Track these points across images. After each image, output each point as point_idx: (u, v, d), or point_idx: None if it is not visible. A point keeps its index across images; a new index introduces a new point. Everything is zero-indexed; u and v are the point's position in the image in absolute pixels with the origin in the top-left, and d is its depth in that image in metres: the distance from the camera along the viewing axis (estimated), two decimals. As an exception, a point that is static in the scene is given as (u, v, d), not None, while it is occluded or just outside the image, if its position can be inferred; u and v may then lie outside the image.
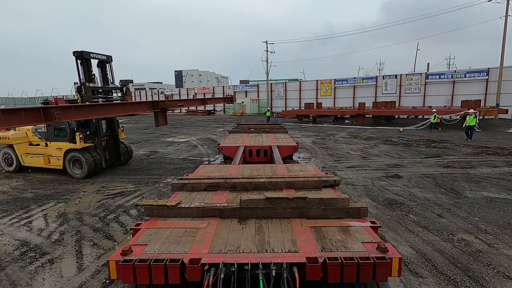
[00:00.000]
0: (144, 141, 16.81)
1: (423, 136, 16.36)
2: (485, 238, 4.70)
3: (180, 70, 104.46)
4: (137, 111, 8.14)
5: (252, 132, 8.47)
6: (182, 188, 3.19)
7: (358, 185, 7.64)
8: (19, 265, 4.14)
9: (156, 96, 59.13)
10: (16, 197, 7.16)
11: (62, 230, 5.23)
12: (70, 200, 6.81)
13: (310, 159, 11.13)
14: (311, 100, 35.00)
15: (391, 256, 1.82)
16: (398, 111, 23.64)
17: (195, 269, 1.79)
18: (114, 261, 1.88)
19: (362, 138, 16.39)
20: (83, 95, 8.83)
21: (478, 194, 6.73)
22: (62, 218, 5.79)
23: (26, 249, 4.57)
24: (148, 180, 8.42)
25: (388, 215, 5.69)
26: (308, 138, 16.61)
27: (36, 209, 6.29)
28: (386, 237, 4.81)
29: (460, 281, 3.63)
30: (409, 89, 31.43)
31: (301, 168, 4.14)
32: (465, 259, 4.11)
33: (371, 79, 34.09)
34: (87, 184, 8.16)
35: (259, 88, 44.50)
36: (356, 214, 2.43)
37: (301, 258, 1.83)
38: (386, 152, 11.97)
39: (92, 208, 6.26)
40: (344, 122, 26.92)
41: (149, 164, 10.57)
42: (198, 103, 10.67)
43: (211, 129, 22.61)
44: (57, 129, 9.27)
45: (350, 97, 34.96)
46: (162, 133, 20.09)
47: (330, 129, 21.55)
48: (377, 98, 32.12)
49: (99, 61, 9.58)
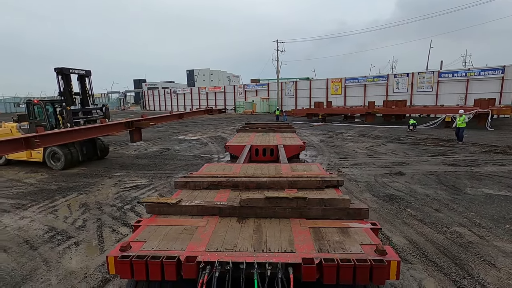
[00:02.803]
0: (157, 138, 17.46)
1: (432, 135, 16.32)
2: (477, 231, 4.92)
3: (192, 69, 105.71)
4: (113, 132, 8.87)
5: (259, 131, 8.54)
6: (185, 186, 3.23)
7: (361, 181, 7.90)
8: (49, 246, 4.67)
9: (169, 95, 60.32)
10: (42, 188, 7.80)
11: (85, 218, 5.77)
12: (90, 192, 7.39)
13: (317, 156, 11.41)
14: (322, 99, 35.06)
15: (389, 259, 1.79)
16: (408, 109, 23.47)
17: (191, 266, 1.81)
18: (112, 257, 1.91)
19: (370, 136, 16.50)
20: (64, 117, 9.88)
21: (478, 191, 6.89)
22: (84, 207, 6.35)
23: (54, 233, 5.12)
24: (161, 175, 8.94)
25: (386, 209, 5.97)
26: (316, 137, 16.85)
27: (60, 200, 6.88)
28: (383, 229, 5.09)
29: (446, 268, 3.91)
30: (421, 88, 31.02)
31: (305, 167, 4.11)
32: (454, 249, 4.37)
33: (382, 77, 33.81)
34: (105, 178, 8.75)
35: (269, 87, 44.78)
36: (357, 215, 2.41)
37: (297, 259, 1.82)
38: (393, 151, 12.11)
39: (111, 199, 6.80)
40: (354, 121, 26.92)
41: (162, 160, 11.11)
42: (175, 118, 11.22)
43: (222, 128, 23.13)
44: (38, 125, 10.03)
45: (361, 96, 34.76)
46: (174, 132, 20.74)
47: (339, 128, 21.67)
48: (388, 97, 31.87)
49: (78, 75, 10.60)
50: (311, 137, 16.77)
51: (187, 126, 24.24)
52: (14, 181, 8.57)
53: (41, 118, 10.37)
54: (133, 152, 13.19)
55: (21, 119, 11.31)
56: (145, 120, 9.23)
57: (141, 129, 8.66)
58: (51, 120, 10.23)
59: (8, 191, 7.64)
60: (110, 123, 9.58)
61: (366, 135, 17.21)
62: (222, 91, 50.79)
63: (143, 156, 12.15)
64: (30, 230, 5.26)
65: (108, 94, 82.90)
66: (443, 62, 40.69)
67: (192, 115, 12.73)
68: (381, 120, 24.29)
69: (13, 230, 5.26)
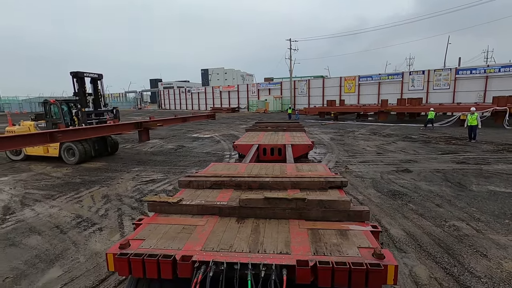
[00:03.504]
0: (172, 136, 18.14)
1: (446, 133, 16.13)
2: (475, 225, 5.09)
3: (206, 69, 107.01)
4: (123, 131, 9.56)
5: (269, 130, 8.56)
6: (188, 185, 3.26)
7: (366, 178, 8.11)
8: (77, 231, 5.23)
9: (183, 95, 61.53)
10: (67, 181, 8.49)
11: (106, 208, 6.33)
12: (111, 185, 7.99)
13: (326, 154, 11.64)
14: (335, 97, 34.98)
15: (386, 263, 1.75)
16: (422, 107, 23.11)
17: (186, 265, 1.83)
18: (111, 254, 1.95)
19: (381, 135, 16.50)
20: (79, 118, 10.81)
21: (483, 188, 6.97)
22: (106, 198, 6.93)
23: (80, 220, 5.69)
24: (176, 170, 9.47)
25: (388, 204, 6.19)
26: (327, 135, 17.01)
27: (84, 191, 7.51)
28: (383, 221, 5.35)
29: (439, 257, 4.14)
30: (438, 85, 30.42)
31: (311, 167, 4.08)
32: (450, 241, 4.58)
33: (397, 75, 33.33)
34: (124, 172, 9.36)
35: (282, 85, 44.97)
36: (358, 218, 2.38)
37: (292, 261, 1.81)
38: (403, 149, 12.16)
39: (129, 192, 7.36)
40: (367, 119, 26.77)
41: (176, 157, 11.67)
42: (179, 121, 11.77)
43: (234, 126, 23.61)
44: (54, 124, 10.97)
45: (375, 94, 34.42)
46: (189, 130, 21.41)
47: (351, 126, 21.67)
48: (403, 94, 31.45)
49: (91, 78, 11.44)
50: (322, 135, 16.94)
51: (200, 125, 24.89)
52: (43, 175, 9.34)
53: (57, 117, 11.26)
54: (149, 149, 13.85)
55: (38, 118, 12.28)
56: (153, 121, 9.83)
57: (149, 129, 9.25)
58: (66, 118, 11.10)
59: (38, 183, 8.37)
60: (121, 123, 10.33)
61: (377, 133, 17.21)
62: (236, 90, 51.38)
63: (159, 153, 12.78)
64: (59, 217, 5.87)
65: (125, 94, 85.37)
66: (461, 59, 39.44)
67: (195, 119, 13.34)
68: (394, 119, 24.05)
69: (45, 217, 5.88)
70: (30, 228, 5.37)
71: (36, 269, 4.07)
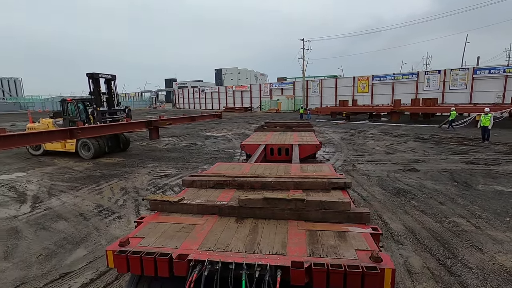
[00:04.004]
0: (186, 134, 18.72)
1: (459, 134, 15.92)
2: (475, 222, 5.23)
3: (220, 69, 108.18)
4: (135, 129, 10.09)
5: (277, 130, 8.56)
6: (192, 185, 3.30)
7: (373, 176, 8.29)
8: (98, 218, 5.74)
9: (197, 94, 62.56)
10: (89, 175, 9.10)
11: (124, 199, 6.83)
12: (128, 179, 8.52)
13: (334, 153, 11.82)
14: (348, 97, 34.79)
15: (383, 267, 1.73)
16: (437, 108, 22.75)
17: (182, 264, 1.86)
18: (111, 251, 1.99)
19: (393, 135, 16.46)
20: (95, 117, 11.55)
21: (489, 188, 7.03)
22: (124, 190, 7.44)
23: (101, 209, 6.20)
24: (188, 166, 9.93)
25: (392, 201, 6.38)
26: (337, 134, 17.12)
27: (104, 184, 8.07)
28: (384, 217, 5.57)
29: (434, 249, 4.35)
30: (454, 85, 29.75)
31: (316, 168, 4.07)
32: (447, 235, 4.77)
33: (412, 75, 32.81)
34: (140, 168, 9.91)
35: (295, 85, 45.05)
36: (358, 219, 2.36)
37: (286, 262, 1.81)
38: (413, 149, 12.17)
39: (145, 185, 7.86)
40: (380, 119, 26.56)
41: (190, 154, 12.16)
42: (188, 120, 12.22)
43: (246, 125, 24.01)
44: (71, 121, 11.75)
45: (389, 94, 34.01)
46: (201, 128, 21.97)
47: (363, 126, 21.62)
48: (418, 95, 30.94)
49: (105, 79, 12.17)
50: (332, 134, 17.07)
51: (213, 124, 25.44)
52: (66, 168, 10.02)
53: (73, 115, 12.01)
54: (164, 146, 14.44)
55: (56, 115, 13.15)
56: (162, 120, 10.35)
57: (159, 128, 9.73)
58: (82, 116, 11.86)
59: (62, 176, 9.02)
60: (133, 121, 10.91)
61: (389, 133, 17.16)
62: (248, 90, 51.81)
63: (173, 150, 13.32)
64: (82, 206, 6.41)
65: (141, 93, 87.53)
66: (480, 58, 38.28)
67: (203, 119, 13.77)
68: (408, 119, 23.79)
69: (70, 206, 6.43)
70: (57, 215, 5.93)
71: (64, 249, 4.56)
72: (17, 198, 6.99)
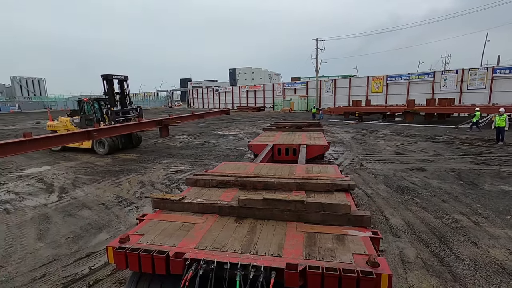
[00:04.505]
0: (199, 133, 19.30)
1: (474, 135, 15.67)
2: (475, 219, 5.38)
3: (234, 68, 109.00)
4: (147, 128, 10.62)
5: (286, 130, 8.54)
6: (195, 184, 3.33)
7: (379, 175, 8.46)
8: (118, 207, 6.26)
9: (211, 94, 63.49)
10: (109, 169, 9.73)
11: (142, 191, 7.35)
12: (145, 173, 9.07)
13: (344, 152, 11.99)
14: (361, 97, 34.50)
15: (380, 272, 1.70)
16: (452, 108, 22.30)
17: (178, 262, 1.87)
18: (111, 247, 2.02)
19: (405, 135, 16.38)
20: (109, 116, 12.28)
21: (495, 187, 7.08)
22: (141, 184, 7.98)
23: (121, 200, 6.73)
24: (201, 163, 10.40)
25: (395, 198, 6.58)
26: (348, 134, 17.20)
27: (123, 178, 8.65)
28: (385, 212, 5.79)
29: (430, 242, 4.57)
30: (473, 85, 28.94)
31: (321, 169, 4.04)
32: (445, 230, 4.96)
33: (427, 74, 32.15)
34: (156, 163, 10.47)
35: (308, 85, 45.00)
36: (358, 223, 2.33)
37: (281, 263, 1.80)
38: (423, 149, 12.16)
39: (161, 179, 8.37)
40: (394, 119, 26.26)
41: (203, 151, 12.66)
42: (196, 117, 12.67)
43: (258, 124, 24.37)
44: (87, 120, 12.58)
45: (404, 94, 33.43)
46: (215, 127, 22.52)
47: (375, 126, 21.53)
48: (434, 95, 30.31)
49: (118, 80, 12.89)
50: (343, 134, 17.17)
51: (226, 123, 25.96)
52: (88, 163, 10.72)
53: (89, 113, 12.78)
54: (178, 144, 15.02)
55: (73, 114, 14.02)
56: (172, 119, 10.91)
57: (168, 126, 10.27)
58: (97, 115, 12.62)
59: (85, 170, 9.70)
60: (144, 120, 11.53)
61: (401, 133, 17.08)
62: (262, 90, 52.13)
63: (187, 147, 13.87)
64: (104, 197, 6.97)
65: (157, 93, 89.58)
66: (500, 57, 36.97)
67: (210, 115, 14.21)
68: (422, 119, 23.46)
69: (93, 196, 7.01)
70: (82, 204, 6.50)
71: (89, 233, 5.09)
72: (45, 189, 7.65)
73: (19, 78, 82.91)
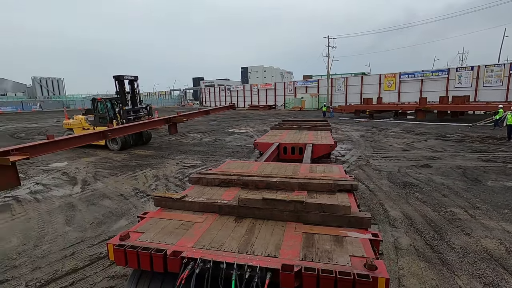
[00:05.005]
0: (211, 131, 19.86)
1: (486, 133, 15.50)
2: (472, 212, 5.59)
3: (246, 67, 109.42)
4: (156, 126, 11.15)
5: (294, 128, 8.53)
6: (198, 182, 3.33)
7: (384, 171, 8.68)
8: (135, 198, 6.80)
9: (223, 92, 64.22)
10: (126, 164, 10.36)
11: (156, 184, 7.88)
12: (159, 168, 9.63)
13: (351, 149, 12.21)
14: (374, 95, 34.24)
15: (376, 275, 1.67)
16: (466, 106, 21.93)
17: (175, 261, 1.87)
18: (111, 245, 2.04)
19: (414, 133, 16.36)
20: (121, 115, 12.95)
21: (498, 184, 7.20)
22: (156, 177, 8.52)
23: (138, 191, 7.28)
24: (212, 159, 10.89)
25: (396, 192, 6.83)
26: (357, 132, 17.32)
27: (139, 172, 9.23)
28: (385, 205, 6.06)
29: (425, 233, 4.84)
30: (489, 82, 28.28)
31: (325, 168, 4.00)
32: (440, 222, 5.21)
33: (442, 71, 31.57)
34: (169, 159, 11.03)
35: (319, 83, 44.94)
36: (359, 224, 2.30)
37: (277, 264, 1.78)
38: (432, 146, 12.22)
39: (174, 173, 8.90)
40: (406, 117, 26.02)
41: (214, 148, 13.16)
42: (203, 114, 13.05)
43: (268, 123, 24.71)
44: (101, 118, 13.35)
45: (417, 92, 32.96)
46: (226, 125, 23.04)
47: (386, 124, 21.48)
48: (448, 92, 29.79)
49: (129, 80, 13.58)
50: (353, 132, 17.30)
51: (237, 121, 26.45)
52: (107, 159, 11.41)
53: (102, 112, 13.50)
54: (191, 141, 15.59)
55: (87, 112, 14.83)
56: (180, 116, 11.42)
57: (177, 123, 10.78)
58: (110, 113, 13.35)
59: (104, 164, 10.37)
60: (154, 119, 12.09)
61: (411, 131, 17.06)
62: (273, 88, 52.36)
63: (198, 144, 14.41)
64: (122, 188, 7.54)
65: (170, 92, 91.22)
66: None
67: (217, 111, 14.62)
68: (434, 117, 23.19)
69: (112, 188, 7.59)
70: (103, 194, 7.09)
71: (110, 219, 5.63)
72: (69, 181, 8.31)
73: (39, 78, 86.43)
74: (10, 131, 21.74)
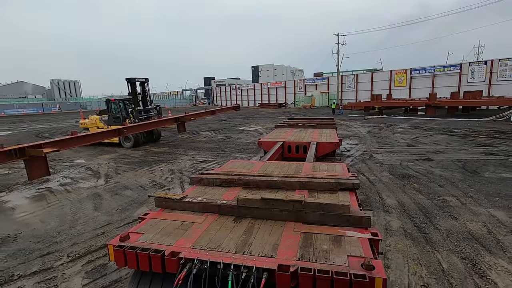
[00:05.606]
0: (222, 129, 20.56)
1: (494, 128, 15.50)
2: (464, 200, 5.97)
3: (257, 66, 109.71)
4: (166, 125, 11.82)
5: (298, 127, 8.63)
6: (199, 182, 3.36)
7: (386, 164, 9.09)
8: (153, 189, 7.51)
9: (234, 91, 65.00)
10: (143, 160, 11.15)
11: (172, 177, 8.59)
12: (174, 163, 10.35)
13: (357, 145, 12.60)
14: (384, 92, 34.13)
15: (374, 276, 1.67)
16: (477, 101, 21.75)
17: (173, 261, 1.89)
18: (112, 245, 2.06)
19: (422, 129, 16.52)
20: (133, 115, 13.84)
21: (496, 175, 7.50)
22: (171, 171, 9.23)
23: (155, 183, 7.99)
24: (223, 155, 11.53)
25: (395, 183, 7.25)
26: (365, 128, 17.60)
27: (155, 167, 9.97)
28: (382, 194, 6.52)
29: (415, 217, 5.29)
30: (503, 76, 27.77)
31: (328, 167, 4.01)
32: (432, 208, 5.64)
33: (454, 66, 31.15)
34: (183, 155, 11.76)
35: (329, 80, 44.98)
36: (358, 223, 2.31)
37: (273, 265, 1.79)
38: (437, 141, 12.45)
39: (188, 168, 9.59)
40: (417, 113, 25.95)
41: (224, 145, 13.82)
42: (208, 114, 13.68)
43: (278, 120, 25.19)
44: (115, 117, 14.23)
45: (428, 88, 32.67)
46: (236, 123, 23.70)
47: (394, 120, 21.60)
48: (461, 87, 29.44)
49: (140, 82, 14.41)
50: (360, 128, 17.60)
51: (247, 119, 27.07)
52: (125, 155, 12.25)
53: (116, 112, 14.38)
54: (203, 139, 16.32)
55: (102, 113, 15.82)
56: (188, 116, 12.13)
57: (185, 122, 11.48)
58: (123, 113, 14.22)
59: (123, 160, 11.20)
60: (163, 118, 12.87)
61: (419, 127, 17.20)
62: (283, 86, 52.71)
63: (210, 141, 15.11)
64: (141, 181, 8.28)
65: (182, 92, 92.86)
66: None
67: (222, 111, 15.24)
68: (445, 113, 23.09)
69: (132, 180, 8.35)
70: (124, 186, 7.84)
71: (132, 206, 6.34)
72: (93, 175, 9.14)
73: (57, 81, 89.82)
74: (34, 131, 23.13)
